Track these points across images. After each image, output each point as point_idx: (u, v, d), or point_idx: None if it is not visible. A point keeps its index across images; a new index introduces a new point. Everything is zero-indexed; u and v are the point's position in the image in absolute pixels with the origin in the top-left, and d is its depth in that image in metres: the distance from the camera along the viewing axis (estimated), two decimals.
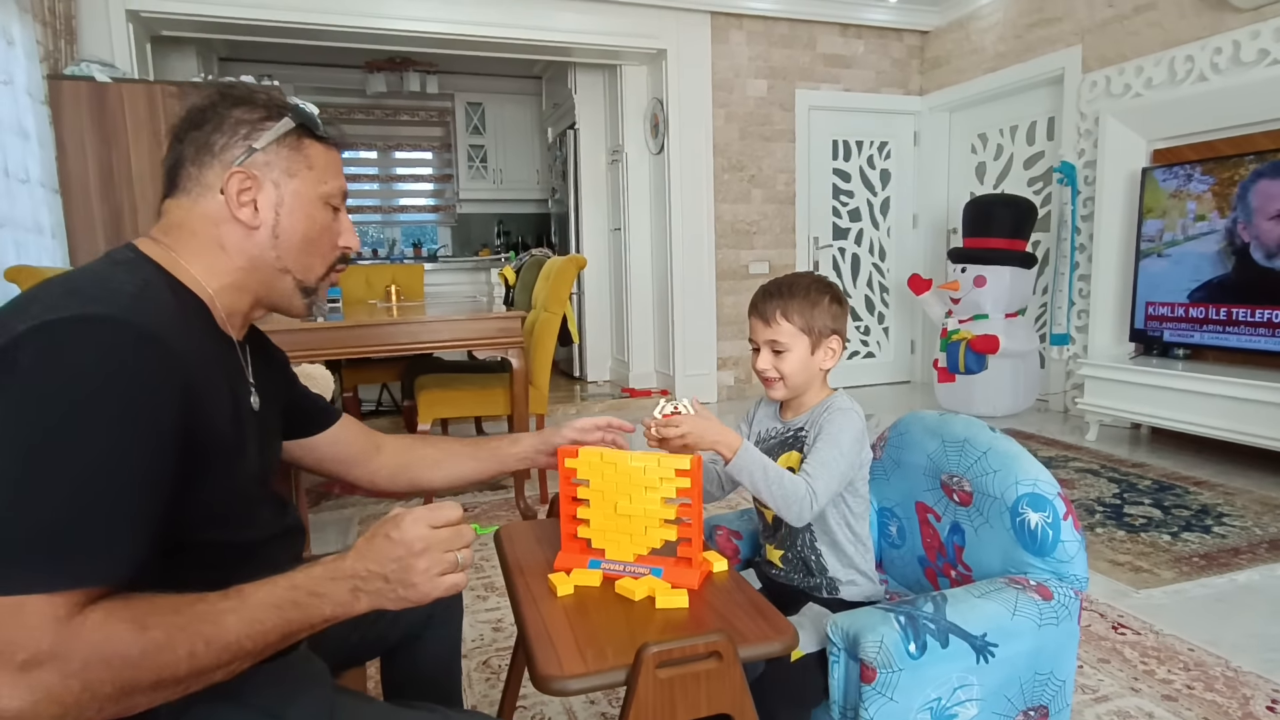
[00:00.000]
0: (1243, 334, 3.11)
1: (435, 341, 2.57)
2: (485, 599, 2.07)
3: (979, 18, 4.64)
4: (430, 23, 4.08)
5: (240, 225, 0.83)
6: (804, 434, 1.20)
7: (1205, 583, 2.06)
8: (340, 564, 0.74)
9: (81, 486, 0.62)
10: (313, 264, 0.90)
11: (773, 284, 1.25)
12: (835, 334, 1.21)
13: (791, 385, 1.21)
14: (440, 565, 0.75)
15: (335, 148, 0.91)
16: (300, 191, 0.86)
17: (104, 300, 0.69)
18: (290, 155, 0.85)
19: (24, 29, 2.87)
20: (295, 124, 0.86)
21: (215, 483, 0.76)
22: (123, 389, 0.65)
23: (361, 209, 6.65)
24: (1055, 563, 1.14)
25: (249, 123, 0.83)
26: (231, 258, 0.84)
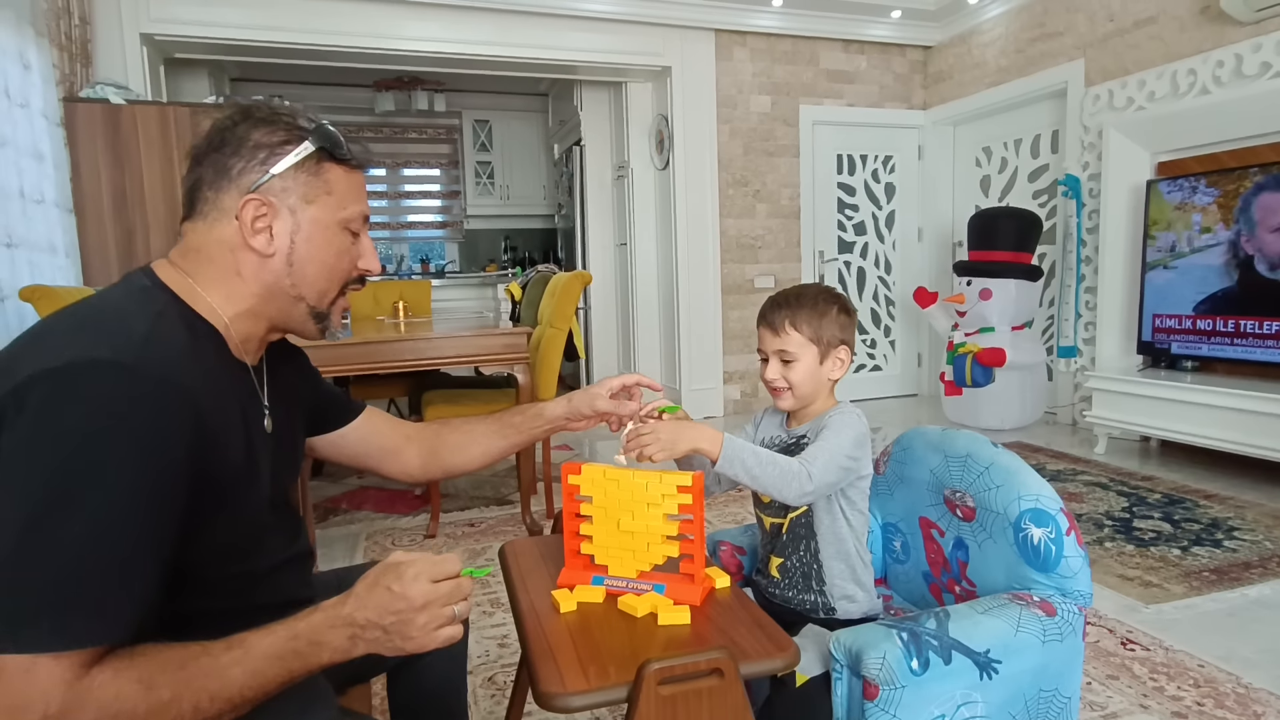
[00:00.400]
0: (1251, 346, 3.09)
1: (442, 358, 2.59)
2: (491, 615, 2.07)
3: (980, 32, 4.67)
4: (438, 43, 4.14)
5: (255, 253, 0.82)
6: (806, 440, 1.20)
7: (1216, 597, 2.04)
8: (340, 611, 0.75)
9: (89, 541, 0.62)
10: (328, 290, 0.89)
11: (781, 294, 1.25)
12: (844, 344, 1.22)
13: (800, 395, 1.21)
14: (438, 620, 0.76)
15: (359, 170, 0.90)
16: (318, 218, 0.85)
17: (115, 341, 0.69)
18: (309, 181, 0.84)
19: (40, 54, 2.93)
20: (316, 148, 0.84)
21: (226, 519, 0.77)
22: (131, 437, 0.65)
23: (370, 226, 6.69)
24: (1059, 579, 1.14)
25: (268, 146, 0.82)
26: (248, 284, 0.83)
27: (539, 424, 1.22)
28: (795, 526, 1.22)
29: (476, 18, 4.14)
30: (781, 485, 1.07)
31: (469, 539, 2.69)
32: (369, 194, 0.97)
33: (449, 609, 0.77)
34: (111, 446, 0.64)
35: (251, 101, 0.86)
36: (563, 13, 4.23)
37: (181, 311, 0.80)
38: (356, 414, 1.13)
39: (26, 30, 2.83)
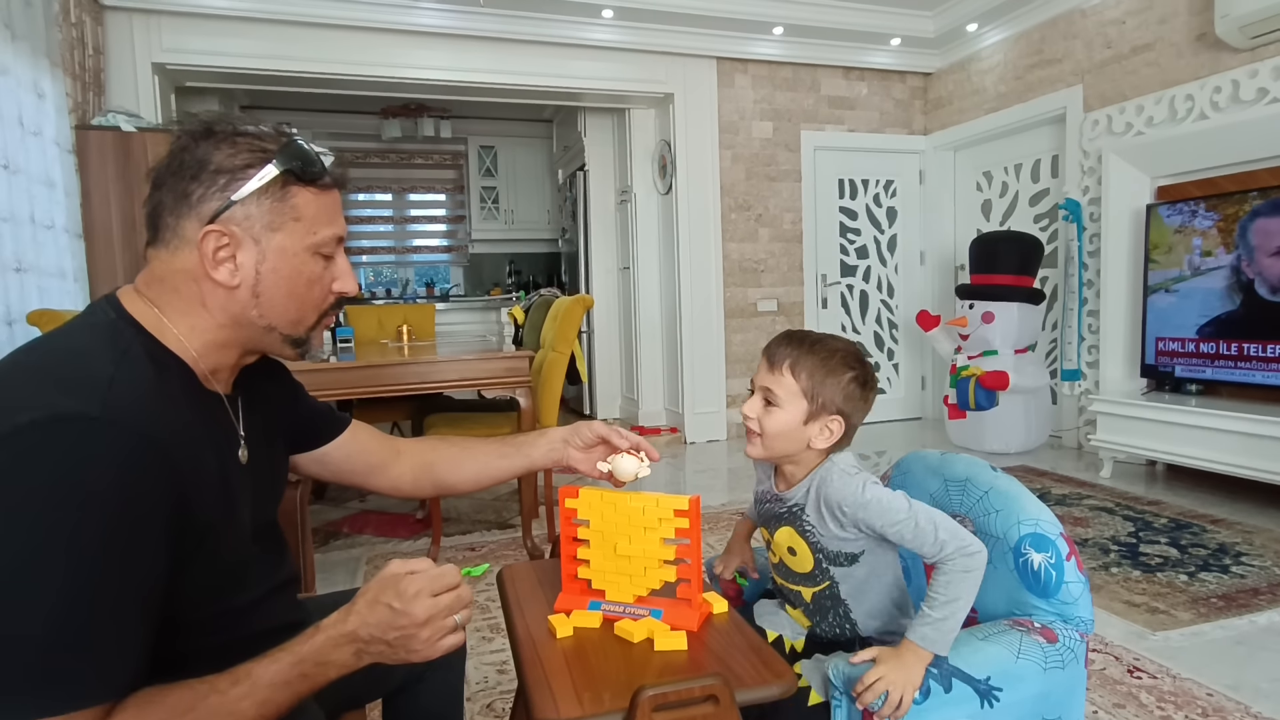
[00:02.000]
0: (1254, 369, 3.08)
1: (444, 381, 2.60)
2: (490, 640, 2.05)
3: (979, 59, 4.72)
4: (444, 71, 4.21)
5: (218, 284, 0.78)
6: (801, 509, 1.11)
7: (1224, 624, 2.01)
8: (342, 628, 0.75)
9: (72, 605, 0.61)
10: (302, 317, 0.85)
11: (799, 333, 1.13)
12: (840, 415, 1.07)
13: (768, 447, 1.09)
14: (441, 632, 0.77)
15: (331, 190, 0.84)
16: (285, 247, 0.80)
17: (79, 391, 0.66)
18: (274, 207, 0.79)
19: (55, 83, 2.99)
20: (282, 170, 0.78)
21: (207, 560, 0.75)
22: (103, 496, 0.63)
23: (376, 250, 6.78)
24: (1060, 604, 1.13)
25: (229, 171, 0.77)
26: (213, 315, 0.80)
27: (540, 445, 1.17)
28: (819, 598, 1.15)
29: (482, 47, 4.22)
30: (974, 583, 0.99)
31: (470, 563, 2.68)
32: (374, 218, 0.95)
33: (451, 619, 0.78)
34: (83, 506, 0.62)
35: (214, 118, 0.81)
36: (567, 42, 4.30)
37: (148, 346, 0.76)
38: (342, 429, 1.10)
39: (42, 61, 2.90)
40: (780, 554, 1.17)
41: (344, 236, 0.87)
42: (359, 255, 6.70)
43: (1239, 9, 3.07)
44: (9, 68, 2.63)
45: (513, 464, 1.17)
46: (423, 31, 4.07)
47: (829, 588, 1.13)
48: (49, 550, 0.60)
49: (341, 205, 0.87)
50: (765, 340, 4.38)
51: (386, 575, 0.78)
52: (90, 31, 3.30)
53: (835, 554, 1.11)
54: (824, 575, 1.12)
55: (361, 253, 6.72)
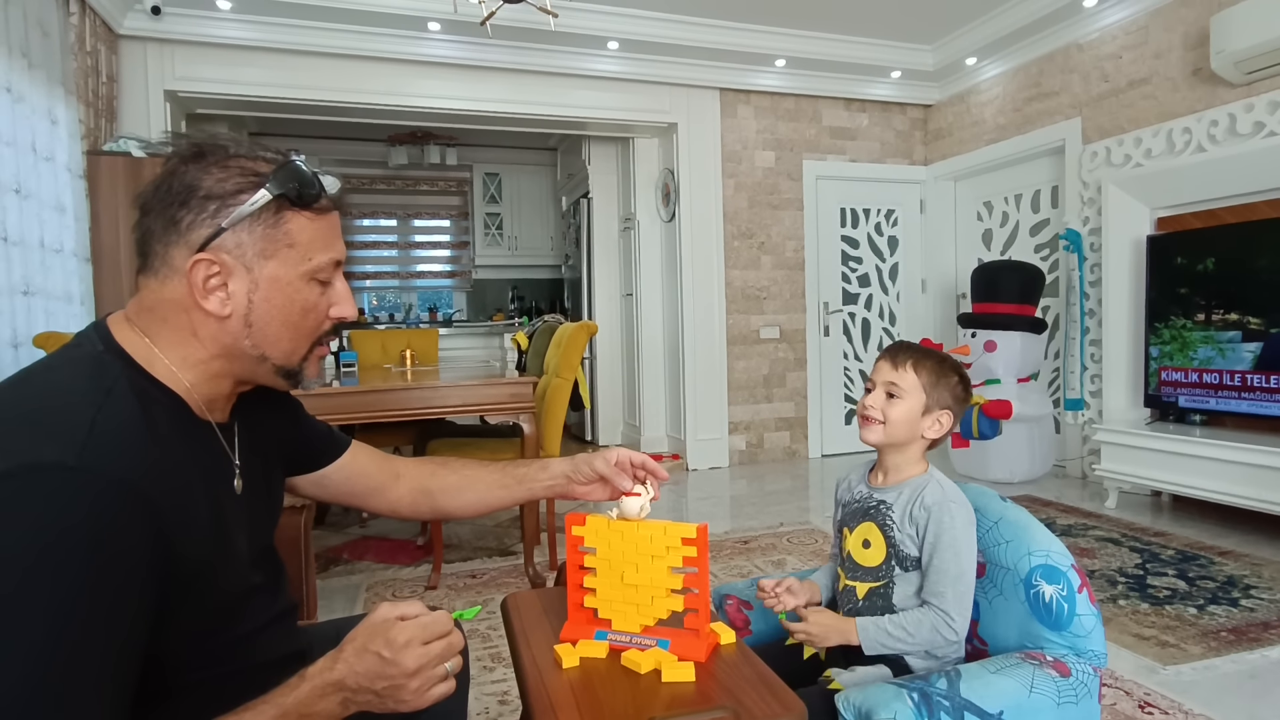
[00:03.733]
0: (1258, 399, 3.08)
1: (447, 406, 2.60)
2: (492, 670, 2.03)
3: (978, 92, 4.79)
4: (451, 100, 4.27)
5: (209, 314, 0.75)
6: (889, 506, 1.19)
7: (1236, 658, 1.98)
8: (329, 676, 0.73)
9: (48, 660, 0.59)
10: (296, 346, 0.82)
11: (911, 343, 1.29)
12: (948, 410, 1.21)
13: (889, 434, 1.20)
14: (432, 681, 0.75)
15: (328, 213, 0.81)
16: (278, 275, 0.77)
17: (58, 437, 0.64)
18: (266, 234, 0.76)
19: (68, 110, 3.03)
20: (275, 195, 0.75)
21: (197, 599, 0.73)
22: (81, 547, 0.60)
23: (380, 275, 6.82)
24: (1072, 637, 1.12)
25: (219, 197, 0.74)
26: (205, 346, 0.77)
27: (542, 478, 1.15)
28: (873, 595, 1.20)
29: (489, 77, 4.28)
30: (931, 642, 1.11)
31: (471, 590, 2.65)
32: (379, 243, 0.93)
33: (442, 668, 0.76)
34: (59, 559, 0.60)
35: (205, 139, 0.78)
36: (573, 73, 4.37)
37: (135, 381, 0.73)
38: (342, 450, 1.08)
39: (57, 89, 2.95)
40: (854, 547, 1.23)
41: (342, 260, 0.84)
42: (363, 280, 6.74)
43: (1234, 45, 3.12)
44: (24, 95, 2.68)
45: (513, 494, 1.16)
46: (431, 62, 4.14)
47: (885, 586, 1.18)
48: (23, 605, 0.58)
49: (340, 227, 0.85)
50: (768, 367, 4.39)
51: (375, 621, 0.75)
52: (105, 60, 3.36)
53: (904, 556, 1.17)
54: (888, 573, 1.18)
55: (366, 277, 6.75)
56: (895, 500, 1.18)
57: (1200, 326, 3.31)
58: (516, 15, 3.65)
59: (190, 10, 3.63)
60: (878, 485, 1.23)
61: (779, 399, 4.98)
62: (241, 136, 0.83)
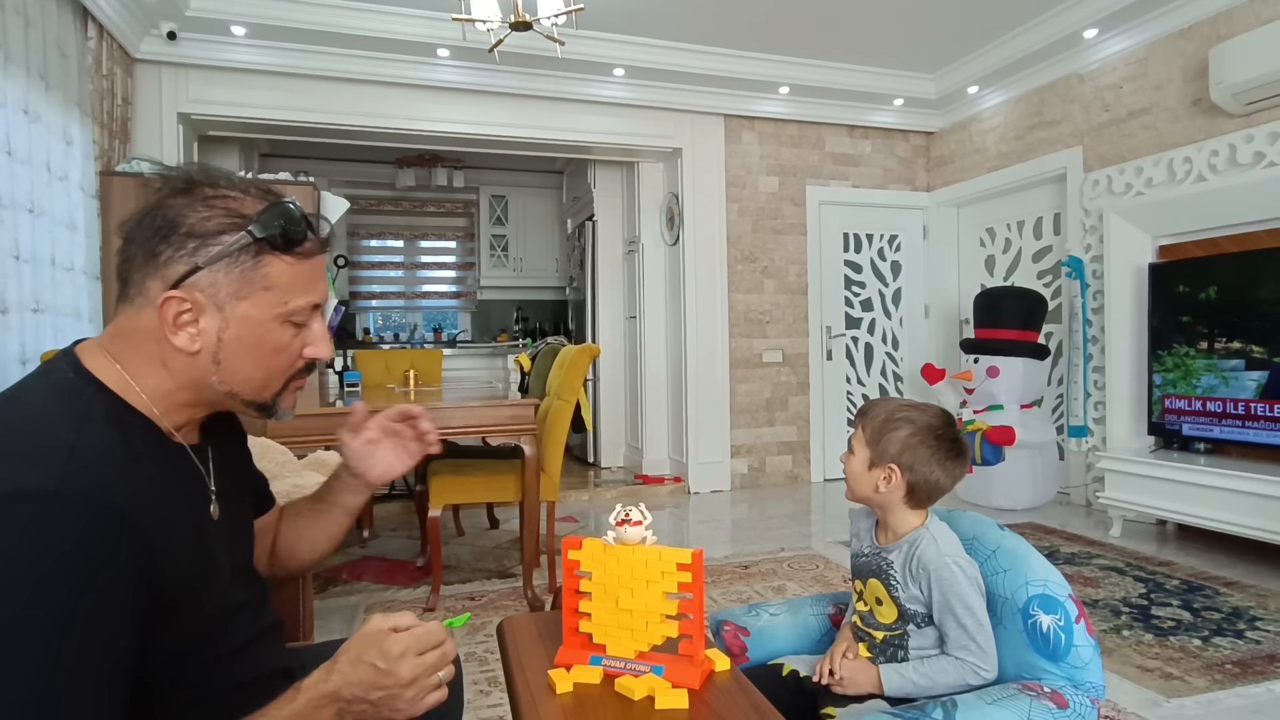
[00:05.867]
0: (1263, 429, 3.06)
1: (449, 428, 2.61)
2: (488, 694, 2.01)
3: (980, 120, 4.84)
4: (459, 124, 4.33)
5: (178, 349, 0.75)
6: (891, 565, 1.20)
7: (1240, 692, 1.96)
8: (324, 688, 0.74)
9: (38, 685, 0.59)
10: (267, 383, 0.82)
11: (890, 398, 1.35)
12: (895, 464, 1.18)
13: (851, 489, 1.24)
14: (426, 690, 0.76)
15: (309, 258, 0.81)
16: (250, 316, 0.77)
17: (37, 463, 0.64)
18: (244, 276, 0.76)
19: (83, 131, 3.09)
20: (256, 239, 0.75)
21: (182, 620, 0.74)
22: (66, 572, 0.61)
23: (386, 295, 6.86)
24: (1069, 668, 1.11)
25: (199, 235, 0.74)
26: (173, 377, 0.77)
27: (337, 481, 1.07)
28: (888, 643, 1.20)
29: (496, 101, 4.35)
30: (962, 685, 1.11)
31: (470, 612, 2.64)
32: (385, 264, 0.93)
33: (435, 677, 0.77)
34: (44, 585, 0.60)
35: (198, 172, 0.78)
36: (579, 98, 4.43)
37: (109, 406, 0.74)
38: (270, 506, 1.07)
39: (72, 110, 3.00)
40: (870, 604, 1.25)
41: (321, 303, 0.84)
42: (369, 300, 6.78)
43: (1233, 76, 3.15)
44: (41, 115, 2.73)
45: (336, 517, 1.08)
46: (440, 86, 4.20)
47: (900, 637, 1.19)
48: (16, 632, 0.59)
49: (324, 270, 0.85)
50: (770, 390, 4.39)
51: (369, 632, 0.76)
52: (120, 82, 3.43)
53: (912, 613, 1.18)
54: (902, 626, 1.20)
55: (372, 297, 6.80)
56: (896, 558, 1.20)
57: (1203, 355, 3.30)
58: (524, 42, 3.71)
59: (205, 36, 3.70)
60: (883, 543, 1.24)
61: (781, 423, 4.97)
62: (238, 172, 0.82)
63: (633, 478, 5.00)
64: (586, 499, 4.58)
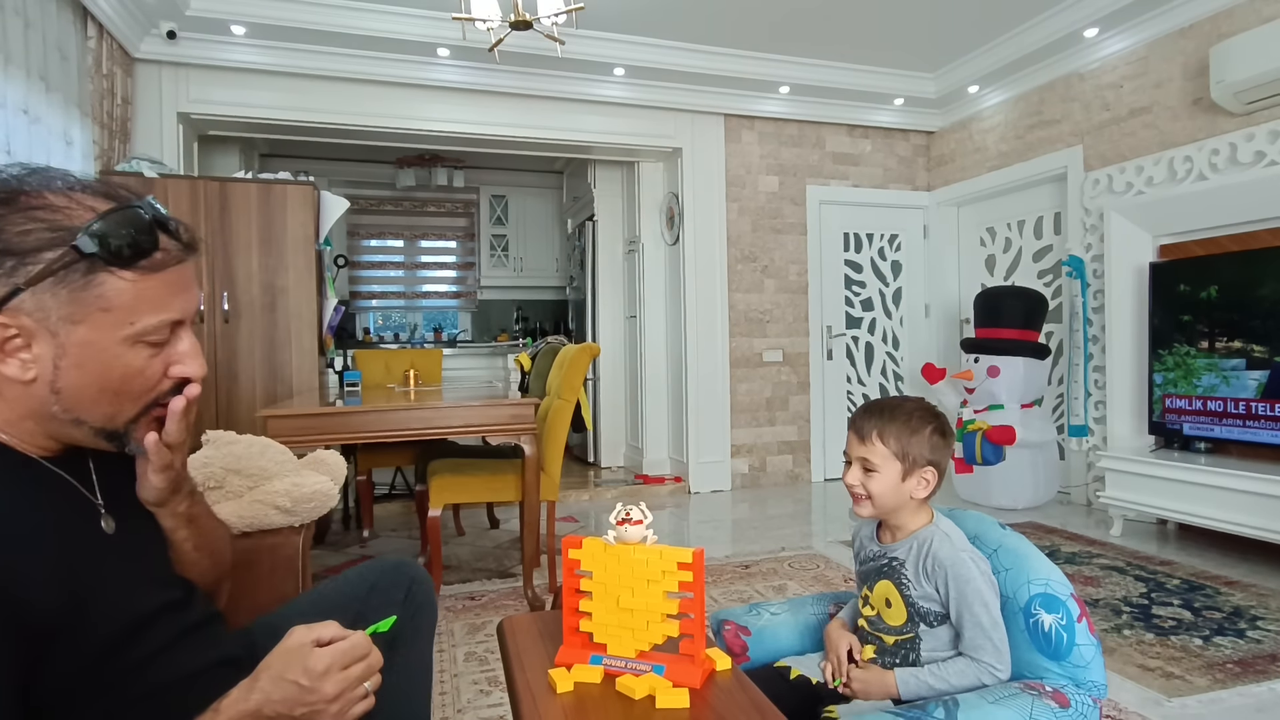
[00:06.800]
0: (1264, 428, 3.06)
1: (449, 427, 2.61)
2: (489, 694, 2.01)
3: (981, 119, 4.84)
4: (459, 124, 4.33)
5: (9, 378, 0.68)
6: (901, 563, 1.19)
7: (1242, 691, 1.95)
8: (244, 705, 0.72)
9: None
10: (118, 410, 0.74)
11: (876, 403, 1.24)
12: (931, 465, 1.18)
13: (879, 506, 1.19)
14: (351, 703, 0.75)
15: (160, 270, 0.72)
16: (90, 340, 0.69)
17: None
18: (73, 298, 0.67)
19: (83, 131, 3.09)
20: (85, 255, 0.67)
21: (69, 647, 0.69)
22: None
23: (386, 295, 6.86)
24: (1071, 668, 1.11)
25: (17, 253, 0.65)
26: (11, 407, 0.71)
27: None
28: (899, 646, 1.20)
29: (497, 101, 4.35)
30: (976, 685, 1.10)
31: (469, 612, 2.64)
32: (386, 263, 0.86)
33: (361, 689, 0.76)
34: None
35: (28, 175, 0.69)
36: (579, 98, 4.43)
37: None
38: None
39: (73, 111, 3.00)
40: (878, 607, 1.23)
41: (186, 319, 0.76)
42: (369, 300, 6.78)
43: (1233, 75, 3.15)
44: (41, 116, 2.73)
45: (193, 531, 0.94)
46: (439, 86, 4.20)
47: (911, 640, 1.19)
48: None
49: (190, 278, 0.76)
50: (771, 390, 4.37)
51: (291, 647, 0.73)
52: (120, 82, 3.43)
53: (925, 611, 1.17)
54: (913, 629, 1.19)
55: (372, 297, 6.80)
56: (906, 556, 1.19)
57: (1204, 354, 3.30)
58: (524, 42, 3.71)
59: (205, 35, 3.70)
60: (888, 543, 1.24)
61: (781, 422, 4.97)
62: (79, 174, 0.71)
63: (633, 477, 5.00)
64: (587, 499, 4.58)
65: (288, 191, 3.47)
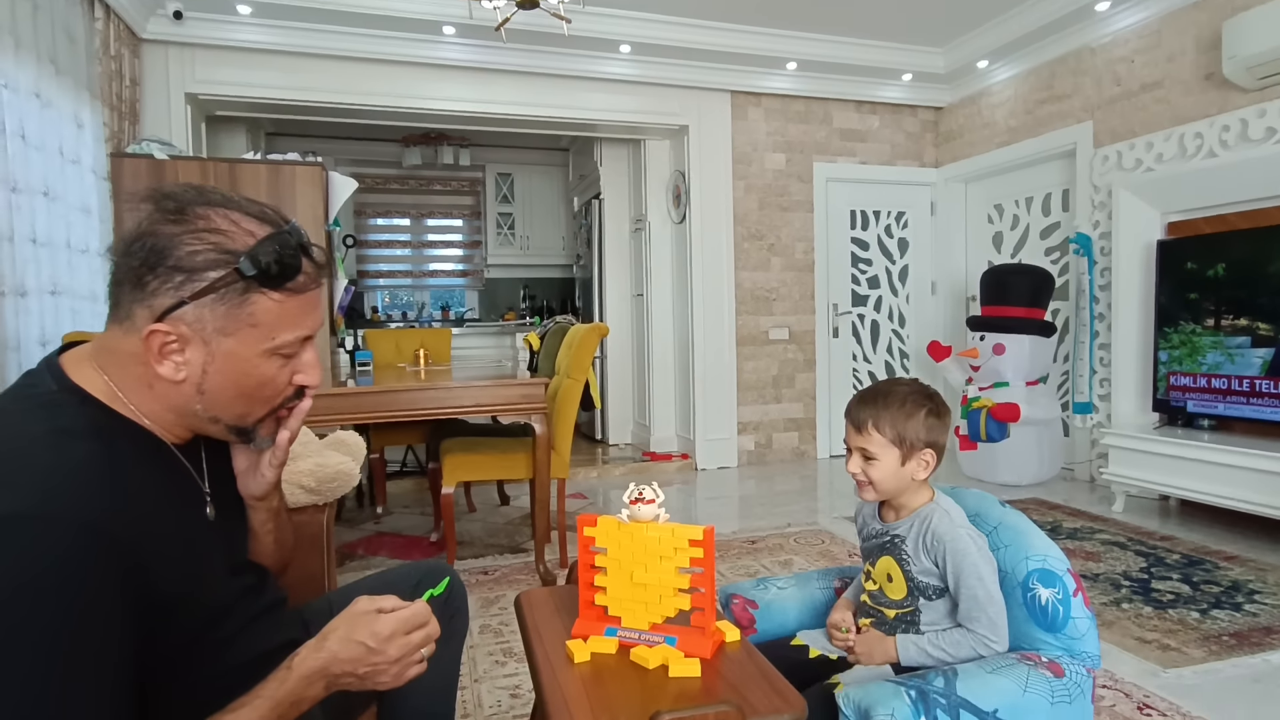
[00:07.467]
0: (1267, 405, 3.08)
1: (461, 407, 2.65)
2: (504, 664, 2.08)
3: (990, 94, 4.80)
4: (465, 102, 4.32)
5: (162, 377, 0.76)
6: (902, 540, 1.23)
7: (1237, 663, 2.00)
8: (314, 663, 0.79)
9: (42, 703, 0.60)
10: (250, 410, 0.83)
11: (869, 391, 1.26)
12: (929, 446, 1.21)
13: (881, 491, 1.24)
14: (410, 665, 0.83)
15: (302, 293, 0.80)
16: (235, 352, 0.77)
17: (16, 485, 0.64)
18: (229, 314, 0.75)
19: (93, 114, 3.10)
20: (244, 277, 0.75)
21: (177, 622, 0.75)
22: (53, 592, 0.62)
23: (393, 274, 6.90)
24: (1067, 639, 1.15)
25: (186, 270, 0.73)
26: (158, 400, 0.78)
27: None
28: (900, 619, 1.24)
29: (503, 79, 4.33)
30: (973, 656, 1.15)
31: (483, 587, 2.71)
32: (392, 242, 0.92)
33: (419, 654, 0.84)
34: (32, 607, 0.61)
35: (193, 196, 0.76)
36: (585, 75, 4.41)
37: (95, 418, 0.74)
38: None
39: (82, 93, 3.02)
40: (880, 582, 1.27)
41: (311, 335, 0.83)
42: (376, 279, 6.82)
43: (1246, 50, 3.12)
44: (52, 100, 2.75)
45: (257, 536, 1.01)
46: (445, 65, 4.19)
47: (912, 614, 1.23)
48: (4, 662, 0.59)
49: (319, 299, 0.84)
50: (777, 368, 4.41)
51: (357, 613, 0.82)
52: (128, 64, 3.44)
53: (924, 586, 1.21)
54: (913, 603, 1.23)
55: (379, 276, 6.84)
56: (907, 533, 1.23)
57: (1209, 332, 3.31)
58: (530, 19, 3.69)
59: (211, 15, 3.69)
60: (890, 521, 1.28)
61: (788, 400, 5.01)
62: (228, 192, 0.79)
63: (640, 455, 5.05)
64: (595, 476, 4.65)
65: (296, 172, 3.48)
